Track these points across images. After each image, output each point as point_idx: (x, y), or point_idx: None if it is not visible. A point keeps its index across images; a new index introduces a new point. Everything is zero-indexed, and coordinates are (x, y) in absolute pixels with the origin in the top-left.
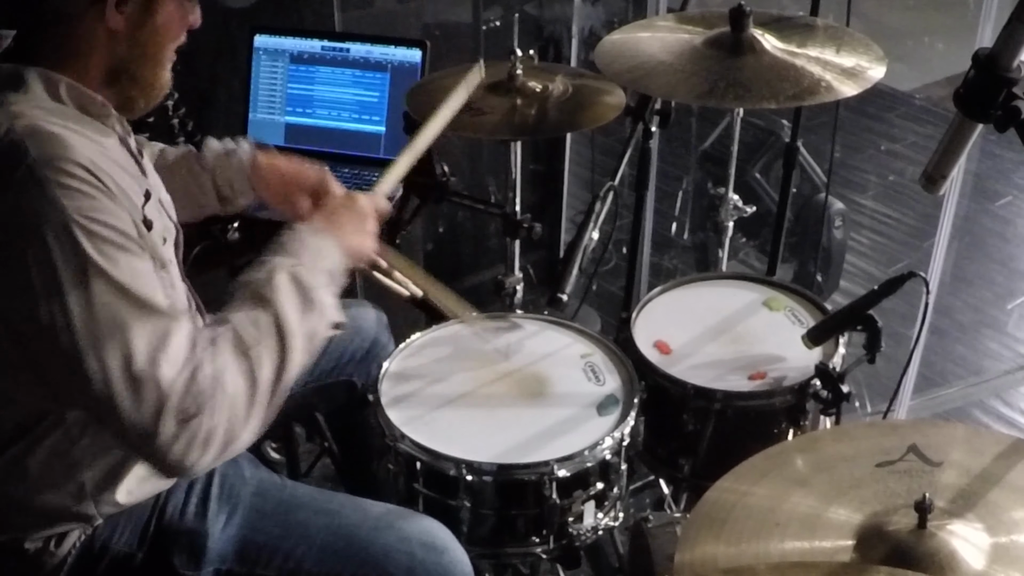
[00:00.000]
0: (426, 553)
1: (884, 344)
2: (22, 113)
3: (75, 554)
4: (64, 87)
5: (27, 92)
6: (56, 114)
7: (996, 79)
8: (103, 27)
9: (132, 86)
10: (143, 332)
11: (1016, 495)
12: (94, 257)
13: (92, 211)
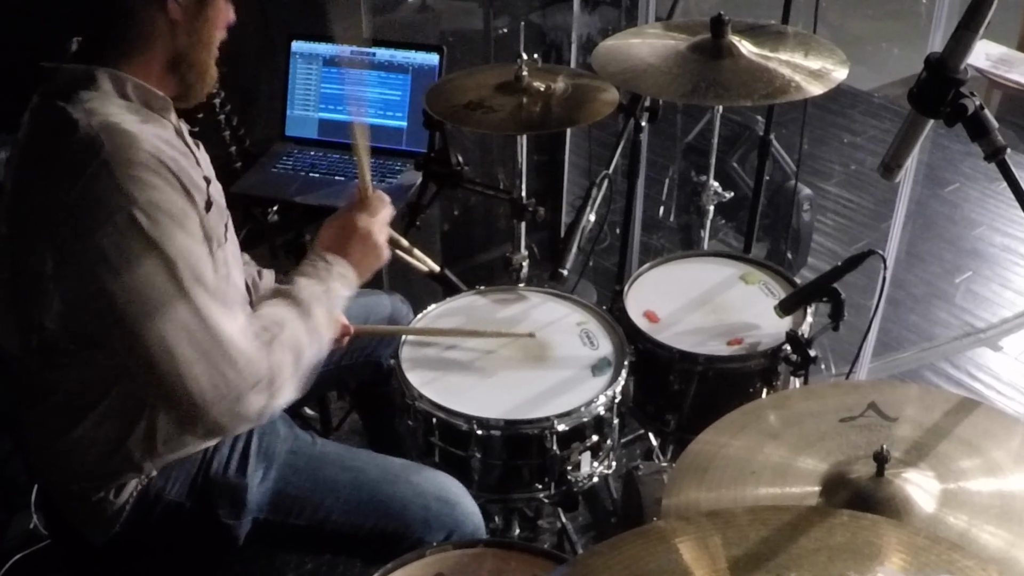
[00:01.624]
0: (440, 506)
1: (846, 314)
2: (95, 110)
3: (132, 502)
4: (130, 85)
5: (98, 90)
6: (124, 110)
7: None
8: (165, 19)
9: (190, 72)
10: (203, 306)
11: (963, 447)
12: (156, 239)
13: (155, 200)
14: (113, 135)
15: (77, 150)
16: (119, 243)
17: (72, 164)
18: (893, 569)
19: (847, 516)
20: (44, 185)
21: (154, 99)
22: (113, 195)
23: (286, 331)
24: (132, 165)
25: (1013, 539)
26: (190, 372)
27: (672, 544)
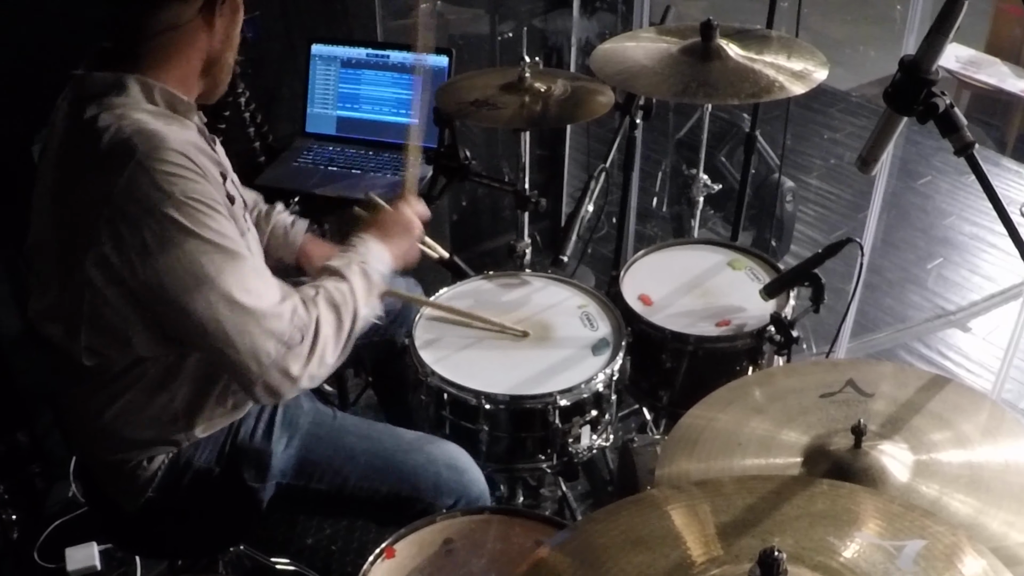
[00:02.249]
0: (449, 473)
1: (826, 297)
2: (126, 115)
3: (164, 470)
4: (158, 91)
5: (128, 96)
6: (151, 115)
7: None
8: (206, 28)
9: (220, 71)
10: (240, 276)
11: (934, 420)
12: (189, 225)
13: (187, 191)
14: (145, 137)
15: (113, 153)
16: (159, 232)
17: (109, 166)
18: (870, 534)
19: (827, 485)
20: (84, 185)
21: (179, 103)
22: (150, 191)
23: (323, 292)
24: (164, 162)
25: (981, 506)
26: (237, 342)
27: (664, 511)
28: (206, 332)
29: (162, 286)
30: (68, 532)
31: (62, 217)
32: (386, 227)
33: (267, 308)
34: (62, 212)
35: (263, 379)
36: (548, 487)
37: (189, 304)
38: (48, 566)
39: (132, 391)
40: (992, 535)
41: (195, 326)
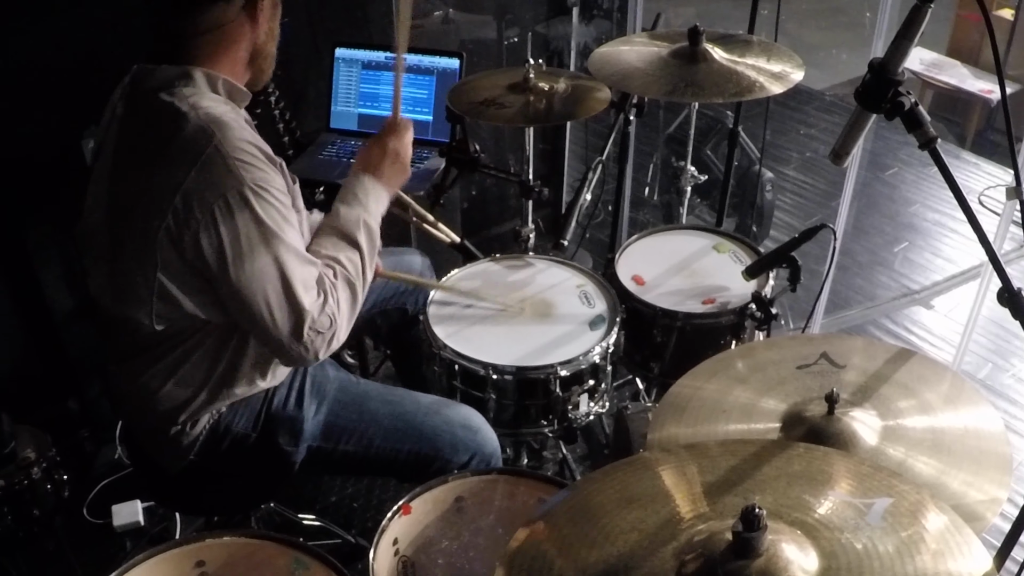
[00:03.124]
0: (464, 432)
1: (802, 277)
2: (198, 104)
3: (204, 435)
4: (220, 82)
5: (195, 86)
6: (217, 103)
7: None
8: (249, 23)
9: (264, 61)
10: (294, 271)
11: (900, 389)
12: (260, 214)
13: (259, 179)
14: (220, 126)
15: (191, 137)
16: (229, 208)
17: (187, 149)
18: (842, 493)
19: (803, 448)
20: (158, 167)
21: (237, 92)
22: (225, 176)
23: (340, 271)
24: (237, 150)
25: (943, 467)
26: (272, 313)
27: (656, 472)
28: (246, 303)
29: (222, 262)
30: (114, 491)
31: (121, 195)
32: (381, 164)
33: (308, 303)
34: (121, 198)
35: (286, 352)
36: (550, 450)
37: (237, 278)
38: (96, 522)
39: (181, 362)
40: (953, 493)
41: (238, 297)
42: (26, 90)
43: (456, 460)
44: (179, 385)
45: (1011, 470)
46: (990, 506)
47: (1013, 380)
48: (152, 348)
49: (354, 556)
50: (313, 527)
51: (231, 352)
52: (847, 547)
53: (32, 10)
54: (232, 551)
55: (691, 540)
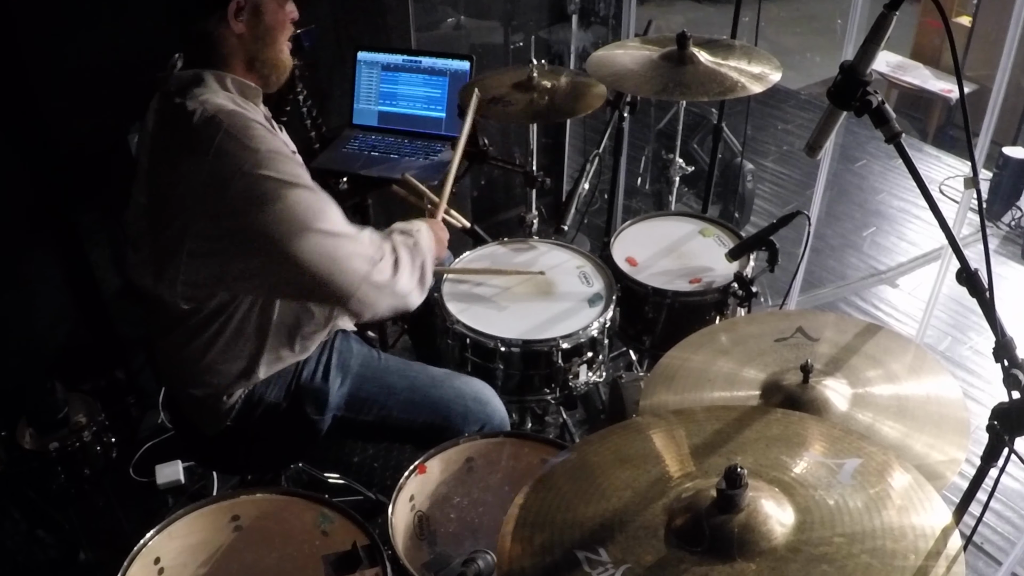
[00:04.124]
0: (475, 404)
1: (780, 259)
2: (208, 100)
3: (240, 403)
4: (229, 80)
5: (206, 86)
6: (228, 100)
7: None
8: (233, 34)
9: (263, 67)
10: (323, 210)
11: (868, 360)
12: (277, 175)
13: (273, 147)
14: (227, 113)
15: (202, 129)
16: (252, 186)
17: (200, 140)
18: (816, 454)
19: (780, 413)
20: (178, 162)
21: (248, 89)
22: (239, 152)
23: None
24: (247, 128)
25: (907, 431)
26: (332, 268)
27: (647, 435)
28: (303, 268)
29: (265, 234)
30: (157, 452)
31: (157, 193)
32: (435, 231)
33: (351, 233)
34: (156, 189)
35: (356, 295)
36: (551, 415)
37: (290, 246)
38: (141, 480)
39: (218, 337)
40: (916, 454)
41: (295, 263)
42: (79, 90)
43: (467, 430)
44: (215, 359)
45: (968, 433)
46: (949, 466)
47: (971, 352)
48: (186, 325)
49: (375, 511)
50: (337, 485)
51: (260, 331)
52: (820, 503)
53: (83, 19)
54: (264, 506)
55: (679, 497)
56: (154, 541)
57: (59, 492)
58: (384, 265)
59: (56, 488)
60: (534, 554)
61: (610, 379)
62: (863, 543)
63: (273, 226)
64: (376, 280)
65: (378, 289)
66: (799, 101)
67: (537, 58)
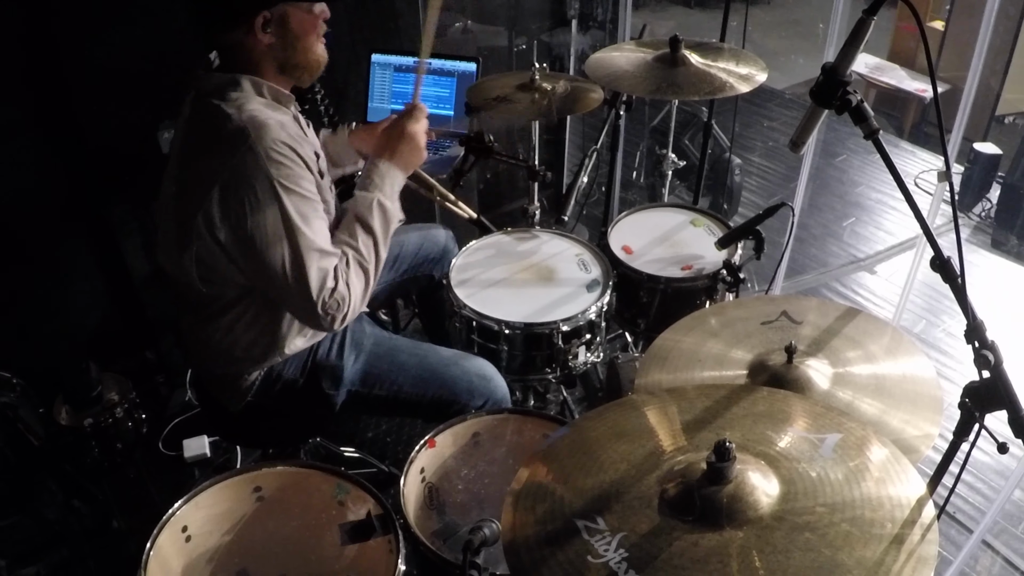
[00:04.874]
0: (479, 381)
1: (765, 247)
2: (243, 107)
3: (260, 380)
4: (265, 87)
5: (243, 91)
6: (262, 105)
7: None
8: (260, 44)
9: (295, 70)
10: (309, 259)
11: (848, 342)
12: (286, 204)
13: (286, 174)
14: (256, 126)
15: (232, 136)
16: (258, 199)
17: (228, 145)
18: (799, 429)
19: (766, 392)
20: (206, 158)
21: (280, 95)
22: (256, 169)
23: (354, 256)
24: (269, 149)
25: (884, 408)
26: (290, 294)
27: (642, 411)
28: (271, 278)
29: (251, 240)
30: (185, 428)
31: (183, 183)
32: (397, 147)
33: (316, 292)
34: (183, 179)
35: (307, 321)
36: (552, 393)
37: (265, 257)
38: (169, 454)
39: (236, 319)
40: (893, 430)
41: (265, 272)
42: (111, 90)
43: (472, 404)
44: (235, 341)
45: (942, 410)
46: (924, 440)
47: (944, 334)
48: (209, 309)
49: (388, 483)
50: (353, 458)
51: (277, 315)
52: (803, 475)
53: (115, 24)
54: (284, 478)
55: (672, 469)
56: (182, 511)
57: (93, 465)
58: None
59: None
60: (536, 523)
61: (607, 359)
62: (843, 512)
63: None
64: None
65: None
66: (783, 100)
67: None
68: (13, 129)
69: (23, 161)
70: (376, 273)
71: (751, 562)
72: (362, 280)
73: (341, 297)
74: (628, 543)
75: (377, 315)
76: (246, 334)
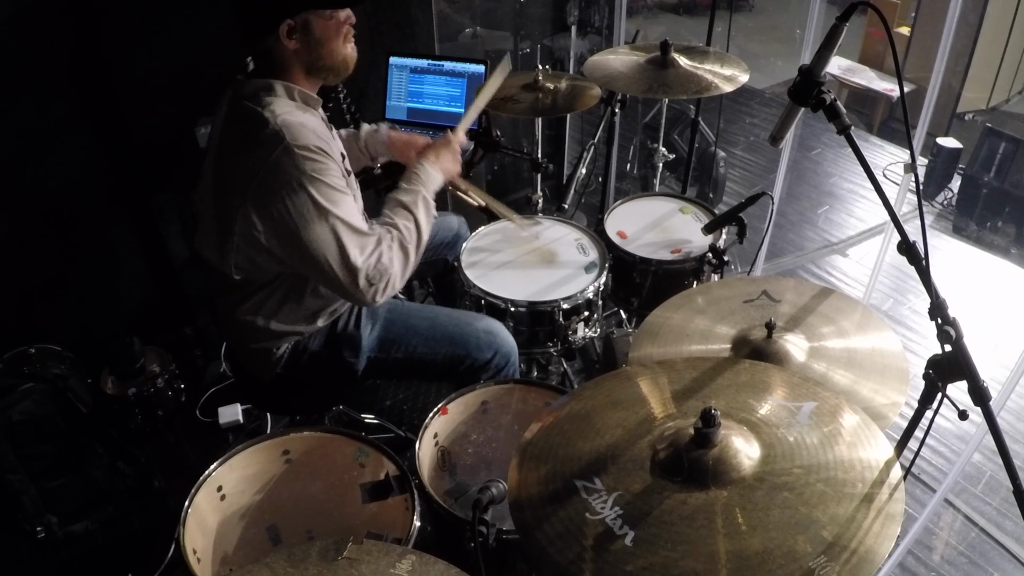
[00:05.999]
0: (486, 336)
1: (747, 233)
2: (277, 111)
3: (288, 353)
4: (296, 91)
5: (277, 95)
6: (294, 108)
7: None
8: (288, 49)
9: (322, 71)
10: (348, 238)
11: (822, 319)
12: (318, 197)
13: (319, 171)
14: (291, 129)
15: (267, 138)
16: (293, 195)
17: (264, 146)
18: (778, 398)
19: (748, 364)
20: (242, 158)
21: (309, 98)
22: (291, 168)
23: (397, 235)
24: (302, 149)
25: (855, 379)
26: (331, 270)
27: (635, 382)
28: (309, 261)
29: (287, 228)
30: (220, 396)
31: (221, 177)
32: (440, 154)
33: (360, 262)
34: (221, 174)
35: (353, 297)
36: (554, 365)
37: (302, 242)
38: (206, 420)
39: (266, 302)
40: (863, 399)
41: (305, 256)
42: (152, 90)
43: (482, 357)
44: (264, 320)
45: (908, 381)
46: (891, 408)
47: (909, 311)
48: (241, 290)
49: (404, 446)
50: (372, 424)
51: (302, 296)
52: (782, 439)
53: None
54: (311, 442)
55: (662, 434)
56: (217, 472)
57: (136, 430)
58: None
59: (134, 427)
60: (539, 483)
61: (603, 334)
62: (818, 473)
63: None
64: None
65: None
66: (764, 99)
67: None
68: (66, 126)
69: (75, 154)
70: (417, 254)
71: (734, 518)
72: (403, 258)
73: (383, 269)
74: (623, 501)
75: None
76: (275, 314)
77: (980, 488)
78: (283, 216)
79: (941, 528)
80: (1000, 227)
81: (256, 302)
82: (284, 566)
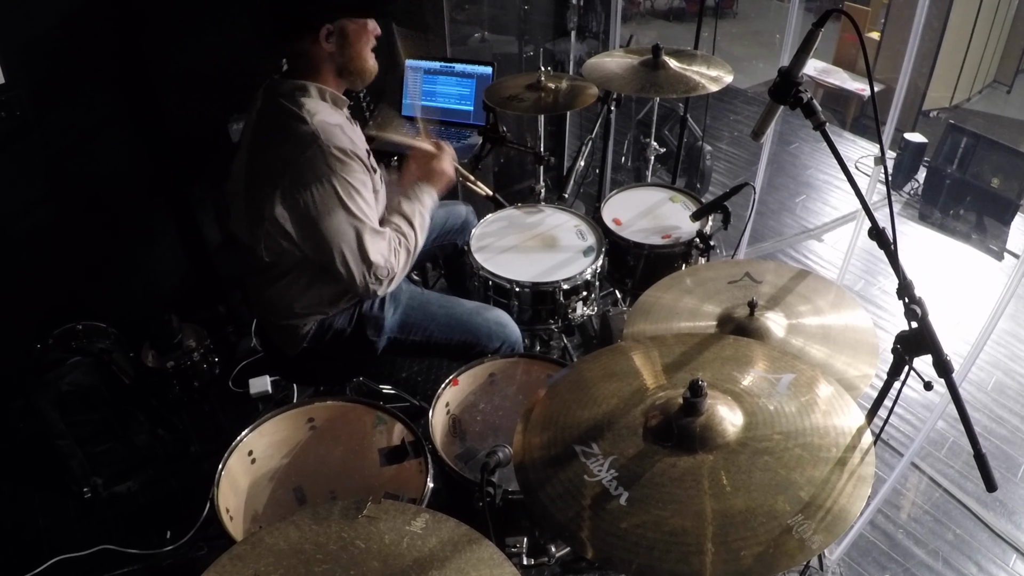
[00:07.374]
0: (496, 326)
1: (732, 220)
2: (313, 111)
3: (314, 330)
4: (328, 94)
5: (311, 96)
6: (326, 108)
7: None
8: (324, 51)
9: (351, 75)
10: (367, 236)
11: (800, 298)
12: (342, 194)
13: (347, 172)
14: (325, 130)
15: (304, 135)
16: (320, 188)
17: (300, 142)
18: (759, 370)
19: (732, 339)
20: (277, 150)
21: (339, 100)
22: (322, 165)
23: (403, 240)
24: (334, 149)
25: (830, 352)
26: (347, 262)
27: (629, 356)
28: (325, 252)
29: (312, 221)
30: (251, 369)
31: (254, 173)
32: (432, 176)
33: (375, 258)
34: (254, 166)
35: (354, 291)
36: (555, 341)
37: (324, 235)
38: (238, 391)
39: (294, 283)
40: (837, 371)
41: (324, 248)
42: (189, 88)
43: (491, 346)
44: (293, 299)
45: (878, 355)
46: (863, 380)
47: (879, 291)
48: (271, 271)
49: (418, 415)
50: (390, 394)
51: (327, 278)
52: (763, 408)
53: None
54: (333, 411)
55: (654, 403)
56: (248, 438)
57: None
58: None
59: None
60: (541, 447)
61: (600, 313)
62: (796, 439)
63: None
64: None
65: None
66: (746, 97)
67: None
68: (110, 122)
69: (118, 148)
70: (414, 255)
71: (719, 480)
72: (404, 259)
73: (391, 266)
74: (618, 465)
75: (410, 276)
76: (302, 294)
77: (944, 452)
78: (308, 205)
79: (908, 489)
80: (962, 215)
81: (285, 283)
82: (309, 523)
